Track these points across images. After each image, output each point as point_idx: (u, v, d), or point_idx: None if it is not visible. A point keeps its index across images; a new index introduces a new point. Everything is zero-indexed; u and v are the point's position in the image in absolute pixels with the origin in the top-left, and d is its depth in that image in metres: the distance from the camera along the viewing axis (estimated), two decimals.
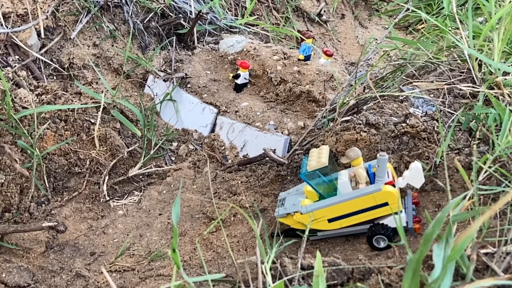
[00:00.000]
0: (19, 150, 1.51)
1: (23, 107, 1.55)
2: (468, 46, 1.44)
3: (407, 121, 1.33)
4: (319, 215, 1.12)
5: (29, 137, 1.50)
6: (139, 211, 1.60)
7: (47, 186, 1.58)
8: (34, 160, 1.50)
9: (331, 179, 1.16)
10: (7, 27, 1.74)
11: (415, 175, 1.07)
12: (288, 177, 1.50)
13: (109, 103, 1.77)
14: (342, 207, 1.10)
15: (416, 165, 1.07)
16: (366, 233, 1.11)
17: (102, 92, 1.82)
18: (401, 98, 1.51)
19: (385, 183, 1.07)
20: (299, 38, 2.20)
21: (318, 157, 1.12)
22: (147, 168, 1.77)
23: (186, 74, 1.97)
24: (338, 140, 1.39)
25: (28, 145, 1.49)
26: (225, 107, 1.88)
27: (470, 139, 1.26)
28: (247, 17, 2.28)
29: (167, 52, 2.06)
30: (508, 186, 1.01)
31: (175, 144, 1.90)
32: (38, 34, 1.82)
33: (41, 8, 1.83)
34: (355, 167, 1.12)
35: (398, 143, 1.32)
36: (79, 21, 1.92)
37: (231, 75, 1.97)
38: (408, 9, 1.97)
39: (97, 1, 1.94)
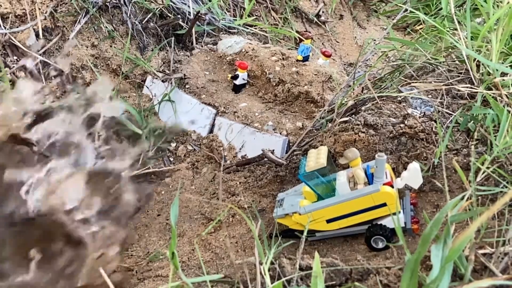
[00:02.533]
0: None
1: None
2: (466, 47, 1.44)
3: (406, 122, 1.34)
4: (318, 215, 1.12)
5: None
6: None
7: None
8: None
9: (329, 179, 1.16)
10: (5, 28, 1.73)
11: (413, 175, 1.07)
12: (287, 178, 1.50)
13: None
14: (340, 207, 1.10)
15: (414, 166, 1.07)
16: (364, 233, 1.11)
17: None
18: (399, 99, 1.51)
19: (384, 184, 1.07)
20: (298, 39, 2.20)
21: (317, 158, 1.12)
22: (146, 169, 1.77)
23: (184, 75, 1.97)
24: (337, 141, 1.40)
25: None
26: (224, 107, 1.88)
27: (468, 140, 1.27)
28: (246, 18, 2.28)
29: (166, 52, 2.06)
30: (506, 187, 1.01)
31: (173, 144, 1.90)
32: (37, 35, 1.82)
33: (39, 9, 1.83)
34: (354, 167, 1.12)
35: (396, 143, 1.32)
36: (77, 21, 1.92)
37: (230, 75, 1.97)
38: (406, 10, 1.97)
39: (95, 2, 1.94)
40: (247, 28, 2.34)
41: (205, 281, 0.87)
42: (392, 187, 1.08)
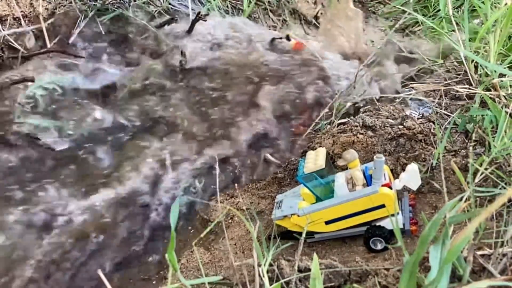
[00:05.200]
0: None
1: None
2: (464, 48, 1.44)
3: (404, 123, 1.34)
4: (316, 217, 1.12)
5: None
6: None
7: None
8: None
9: (328, 181, 1.16)
10: (3, 30, 1.73)
11: (411, 177, 1.07)
12: (285, 180, 1.50)
13: None
14: (339, 209, 1.10)
15: (413, 167, 1.07)
16: (363, 235, 1.11)
17: None
18: (398, 100, 1.52)
19: (382, 185, 1.07)
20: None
21: (315, 160, 1.12)
22: None
23: None
24: (335, 142, 1.40)
25: None
26: None
27: (467, 141, 1.27)
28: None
29: None
30: (504, 188, 1.01)
31: None
32: (36, 37, 1.82)
33: (38, 11, 1.83)
34: (352, 169, 1.12)
35: (394, 145, 1.32)
36: (77, 24, 1.92)
37: None
38: (405, 13, 1.97)
39: (94, 4, 1.94)
40: None
41: (203, 283, 0.87)
42: (391, 188, 1.08)
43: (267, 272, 0.85)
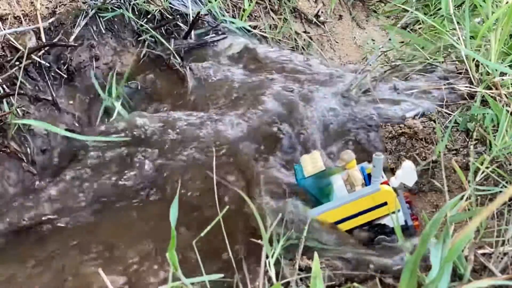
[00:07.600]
0: None
1: None
2: (465, 47, 1.44)
3: (405, 122, 1.34)
4: (321, 220, 1.11)
5: None
6: None
7: None
8: None
9: (327, 183, 1.15)
10: (4, 29, 1.73)
11: (407, 174, 1.07)
12: None
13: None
14: (342, 210, 1.09)
15: (408, 164, 1.07)
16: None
17: None
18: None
19: (381, 183, 1.07)
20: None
21: (313, 162, 1.12)
22: None
23: None
24: None
25: None
26: None
27: (468, 140, 1.27)
28: (245, 19, 2.28)
29: None
30: (505, 187, 1.01)
31: None
32: (37, 37, 1.82)
33: (38, 10, 1.83)
34: (350, 169, 1.11)
35: (395, 143, 1.32)
36: (77, 24, 1.92)
37: None
38: (406, 11, 1.97)
39: (95, 3, 1.94)
40: (249, 31, 2.34)
41: (204, 281, 0.86)
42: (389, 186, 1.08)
43: (266, 272, 0.85)
